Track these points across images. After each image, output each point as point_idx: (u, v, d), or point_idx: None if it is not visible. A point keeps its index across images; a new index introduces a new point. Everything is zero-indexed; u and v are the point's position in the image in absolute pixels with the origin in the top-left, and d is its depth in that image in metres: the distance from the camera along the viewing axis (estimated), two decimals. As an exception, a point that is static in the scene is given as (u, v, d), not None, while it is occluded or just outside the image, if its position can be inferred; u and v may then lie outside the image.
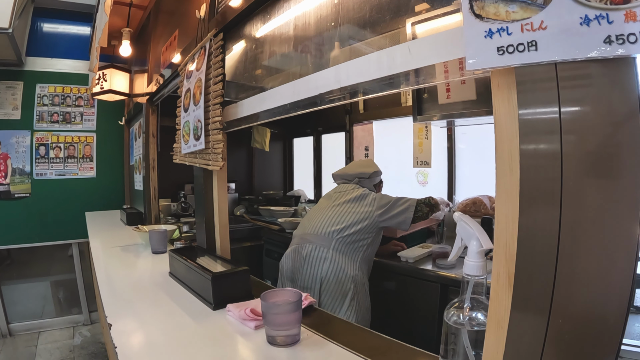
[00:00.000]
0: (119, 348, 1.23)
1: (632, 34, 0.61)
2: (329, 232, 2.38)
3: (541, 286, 0.71)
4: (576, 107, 0.69)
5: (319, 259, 2.33)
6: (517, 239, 0.74)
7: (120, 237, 3.18)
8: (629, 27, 0.61)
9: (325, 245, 2.35)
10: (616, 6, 0.62)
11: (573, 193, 0.69)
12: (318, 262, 2.33)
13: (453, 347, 0.92)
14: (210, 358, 1.17)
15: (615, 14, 0.62)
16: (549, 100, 0.71)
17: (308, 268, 2.35)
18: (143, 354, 1.21)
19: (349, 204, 2.49)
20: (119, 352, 1.20)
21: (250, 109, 1.75)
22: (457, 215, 0.96)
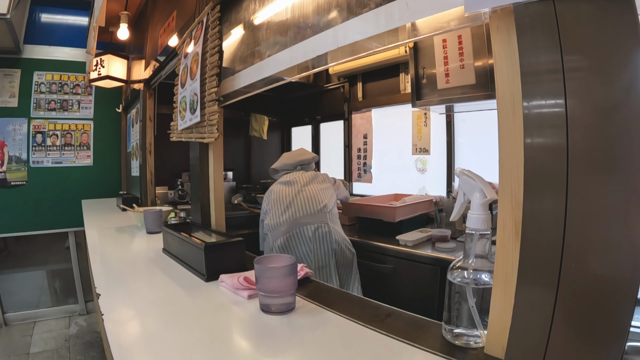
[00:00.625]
0: (105, 316, 1.20)
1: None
2: (318, 209, 2.47)
3: (551, 232, 0.68)
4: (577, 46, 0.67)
5: (327, 233, 2.40)
6: (523, 183, 0.71)
7: (115, 220, 3.18)
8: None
9: (324, 220, 2.43)
10: None
11: (579, 126, 0.66)
12: (327, 237, 2.40)
13: (457, 309, 0.89)
14: (203, 328, 1.13)
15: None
16: (549, 41, 0.68)
17: (321, 245, 2.39)
18: (131, 324, 1.18)
19: (314, 185, 2.62)
20: (105, 320, 1.17)
21: (247, 79, 1.73)
22: (459, 170, 0.93)
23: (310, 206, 2.49)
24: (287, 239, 2.41)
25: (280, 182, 2.68)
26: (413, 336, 1.01)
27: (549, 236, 0.68)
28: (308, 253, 2.39)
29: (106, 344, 1.07)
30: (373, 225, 2.94)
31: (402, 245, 2.55)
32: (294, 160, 2.81)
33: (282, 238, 2.42)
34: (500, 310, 0.78)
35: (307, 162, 2.83)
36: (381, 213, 2.86)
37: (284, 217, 2.47)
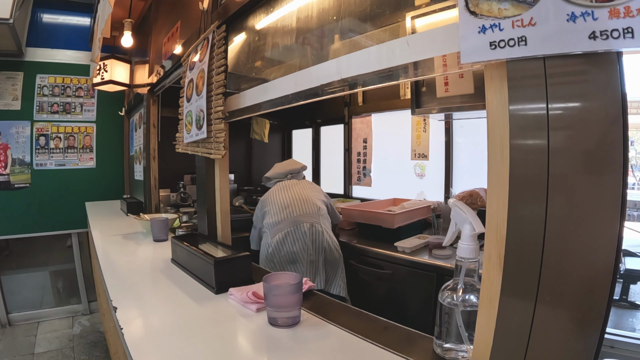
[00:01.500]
0: (125, 329, 1.27)
1: (616, 30, 0.65)
2: (313, 211, 2.70)
3: (529, 266, 0.77)
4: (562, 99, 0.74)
5: (319, 232, 2.62)
6: (507, 222, 0.79)
7: (121, 226, 3.23)
8: (612, 23, 0.65)
9: (317, 220, 2.68)
10: (601, 4, 0.66)
11: (559, 180, 0.73)
12: (319, 235, 2.62)
13: (447, 327, 0.97)
14: (214, 338, 1.22)
15: (599, 11, 0.66)
16: (536, 93, 0.76)
17: (314, 242, 2.61)
18: (148, 335, 1.26)
19: (310, 191, 2.88)
20: (125, 334, 1.24)
21: (253, 99, 1.79)
22: (452, 202, 1.01)
23: (307, 207, 2.72)
24: (285, 235, 2.60)
25: (276, 187, 2.90)
26: (407, 349, 1.10)
27: (528, 270, 0.77)
28: (302, 248, 2.58)
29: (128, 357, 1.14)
30: (372, 231, 3.00)
31: (400, 251, 2.62)
32: (285, 170, 3.04)
33: (280, 234, 2.60)
34: (485, 329, 0.86)
35: (296, 171, 3.07)
36: (380, 219, 2.93)
37: (283, 215, 2.67)
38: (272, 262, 2.60)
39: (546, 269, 0.75)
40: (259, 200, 2.91)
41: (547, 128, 0.74)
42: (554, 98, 0.74)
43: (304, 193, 2.85)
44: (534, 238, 0.76)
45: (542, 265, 0.75)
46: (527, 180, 0.77)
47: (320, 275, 2.60)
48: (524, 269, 0.78)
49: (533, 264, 0.76)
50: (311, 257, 2.59)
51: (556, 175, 0.74)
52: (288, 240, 2.60)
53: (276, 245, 2.60)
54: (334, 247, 2.71)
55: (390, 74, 1.11)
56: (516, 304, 0.80)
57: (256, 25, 1.97)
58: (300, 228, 2.62)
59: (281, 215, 2.68)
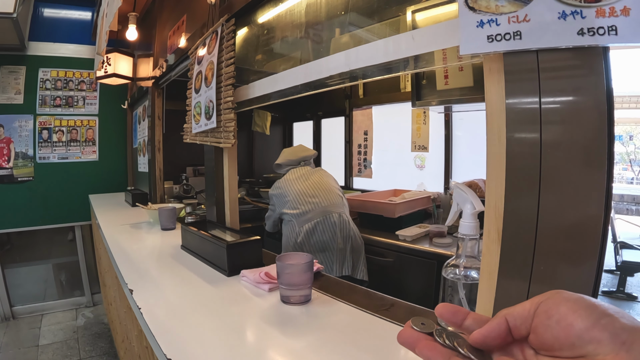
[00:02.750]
0: (143, 309, 1.34)
1: (601, 27, 0.72)
2: (339, 201, 2.79)
3: (525, 239, 0.84)
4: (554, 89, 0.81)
5: (346, 221, 2.71)
6: (504, 199, 0.87)
7: (128, 216, 3.29)
8: (598, 21, 0.73)
9: (344, 210, 2.77)
10: (589, 4, 0.73)
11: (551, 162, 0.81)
12: (346, 224, 2.71)
13: (450, 299, 1.05)
14: (231, 315, 1.29)
15: (588, 10, 0.73)
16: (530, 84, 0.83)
17: (342, 231, 2.69)
18: (168, 313, 1.32)
19: (329, 180, 2.95)
20: (144, 313, 1.31)
21: (262, 90, 1.85)
22: (454, 184, 1.09)
23: (332, 197, 2.80)
24: (315, 225, 2.68)
25: (292, 175, 2.92)
26: (413, 323, 1.17)
27: (524, 242, 0.84)
28: (332, 237, 2.65)
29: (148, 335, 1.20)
30: (374, 220, 3.07)
31: (402, 240, 2.70)
32: (298, 156, 3.04)
33: (310, 224, 2.68)
34: (485, 300, 0.93)
35: (309, 157, 3.08)
36: (382, 209, 3.00)
37: (310, 206, 2.73)
38: (302, 251, 2.62)
39: (540, 241, 0.82)
40: (276, 186, 2.97)
41: (540, 118, 0.81)
42: (546, 91, 0.81)
43: (325, 182, 2.92)
44: (529, 214, 0.83)
45: (537, 238, 0.82)
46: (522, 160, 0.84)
47: (348, 262, 2.68)
48: (520, 242, 0.85)
49: (528, 237, 0.84)
50: (339, 245, 2.66)
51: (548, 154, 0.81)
52: (318, 229, 2.67)
53: (306, 235, 2.67)
54: (358, 235, 2.78)
55: (396, 65, 1.18)
56: (514, 275, 0.87)
57: (263, 18, 2.03)
58: (329, 218, 2.69)
59: (308, 205, 2.74)
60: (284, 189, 2.88)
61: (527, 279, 0.84)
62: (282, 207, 2.85)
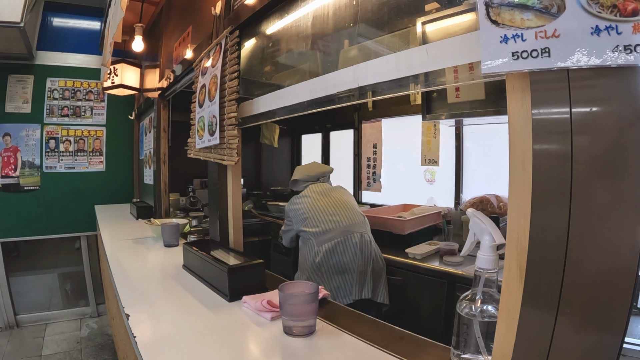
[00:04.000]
0: (138, 338, 1.26)
1: (639, 45, 0.64)
2: (360, 220, 2.68)
3: (551, 277, 0.76)
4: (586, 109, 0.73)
5: (368, 242, 2.59)
6: (529, 233, 0.78)
7: (131, 230, 3.23)
8: (636, 38, 0.65)
9: (365, 230, 2.66)
10: (625, 18, 0.65)
11: (582, 191, 0.73)
12: (368, 245, 2.58)
13: (465, 337, 0.96)
14: (228, 347, 1.21)
15: (624, 25, 0.66)
16: (560, 103, 0.75)
17: (363, 252, 2.55)
18: (162, 343, 1.25)
19: (349, 199, 2.84)
20: (138, 342, 1.23)
21: (267, 106, 1.79)
22: (470, 212, 1.00)
23: (354, 216, 2.69)
24: (335, 245, 2.54)
25: (311, 191, 2.81)
26: (424, 360, 1.09)
27: (549, 282, 0.76)
28: (352, 258, 2.52)
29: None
30: (382, 237, 2.98)
31: (411, 258, 2.62)
32: (316, 172, 2.95)
33: (330, 244, 2.54)
34: (504, 341, 0.85)
35: (327, 173, 3.01)
36: (391, 225, 2.93)
37: (331, 225, 2.60)
38: (320, 272, 2.55)
39: (568, 279, 0.74)
40: (294, 202, 2.82)
41: (570, 135, 0.73)
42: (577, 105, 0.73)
43: (347, 200, 2.81)
44: (556, 248, 0.75)
45: (564, 276, 0.74)
46: (549, 190, 0.76)
47: (368, 285, 2.55)
48: (546, 281, 0.77)
49: (555, 275, 0.75)
50: (360, 267, 2.53)
51: (579, 183, 0.73)
52: (338, 250, 2.54)
53: (325, 255, 2.53)
54: (380, 256, 2.66)
55: (408, 83, 1.10)
56: (537, 316, 0.79)
57: (269, 30, 1.96)
58: (351, 239, 2.56)
59: (329, 224, 2.61)
60: (302, 206, 2.75)
61: (552, 321, 0.76)
62: (301, 224, 2.71)
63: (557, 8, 0.72)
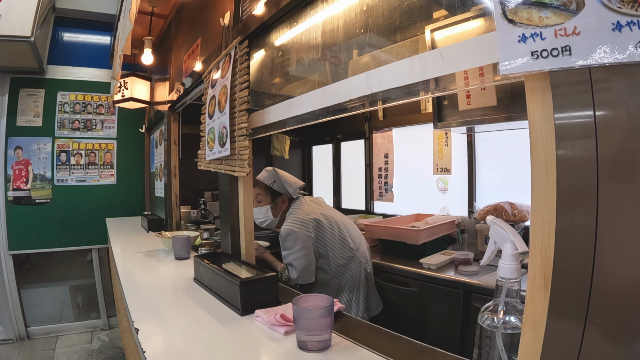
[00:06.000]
0: (147, 353, 1.24)
1: (664, 39, 0.61)
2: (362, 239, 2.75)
3: (578, 287, 0.72)
4: (610, 110, 0.70)
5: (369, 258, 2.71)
6: (555, 241, 0.75)
7: (142, 243, 3.22)
8: (659, 32, 0.62)
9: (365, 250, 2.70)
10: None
11: (609, 195, 0.69)
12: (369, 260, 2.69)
13: (487, 350, 0.93)
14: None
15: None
16: (584, 104, 0.71)
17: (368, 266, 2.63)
18: (172, 358, 1.22)
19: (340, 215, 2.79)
20: (148, 357, 1.21)
21: (278, 116, 1.76)
22: (490, 219, 0.97)
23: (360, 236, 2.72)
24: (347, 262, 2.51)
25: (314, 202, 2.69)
26: (445, 375, 1.05)
27: (577, 291, 0.72)
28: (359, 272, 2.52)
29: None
30: (396, 247, 2.97)
31: (426, 268, 2.58)
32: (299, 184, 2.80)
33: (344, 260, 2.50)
34: (529, 353, 0.81)
35: None
36: (404, 236, 2.89)
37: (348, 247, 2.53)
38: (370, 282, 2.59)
39: (596, 288, 0.71)
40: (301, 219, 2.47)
41: (595, 136, 0.70)
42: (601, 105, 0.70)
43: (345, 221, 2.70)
44: (584, 256, 0.72)
45: (592, 284, 0.71)
46: (575, 195, 0.73)
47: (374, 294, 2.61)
48: (573, 290, 0.73)
49: (582, 283, 0.72)
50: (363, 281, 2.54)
51: (606, 187, 0.70)
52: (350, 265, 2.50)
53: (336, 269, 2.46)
54: None
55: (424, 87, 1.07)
56: (564, 327, 0.75)
57: (278, 40, 1.95)
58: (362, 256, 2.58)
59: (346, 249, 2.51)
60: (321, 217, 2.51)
61: (581, 333, 0.72)
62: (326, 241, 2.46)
63: (577, 5, 0.69)
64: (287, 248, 2.41)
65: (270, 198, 2.62)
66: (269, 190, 2.65)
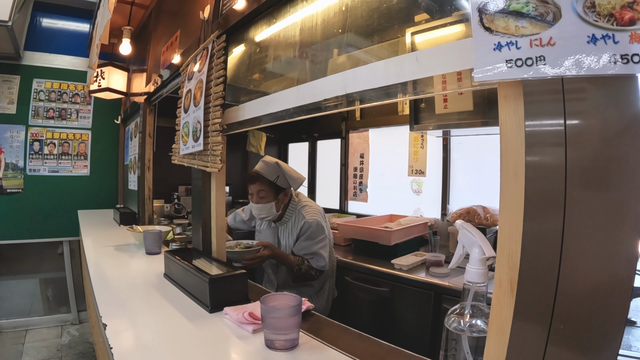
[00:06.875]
0: (115, 349, 1.22)
1: (636, 55, 0.63)
2: None
3: (543, 293, 0.73)
4: (581, 120, 0.71)
5: None
6: (521, 247, 0.76)
7: (113, 237, 3.17)
8: (633, 47, 0.63)
9: None
10: (622, 27, 0.64)
11: (576, 203, 0.70)
12: None
13: (453, 353, 0.93)
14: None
15: (621, 34, 0.64)
16: (555, 113, 0.73)
17: None
18: (139, 355, 1.21)
19: None
20: (114, 353, 1.19)
21: (253, 112, 1.75)
22: (459, 223, 0.98)
23: None
24: None
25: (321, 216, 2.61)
26: (412, 376, 1.05)
27: (542, 297, 0.74)
28: None
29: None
30: (368, 247, 2.98)
31: (397, 269, 2.60)
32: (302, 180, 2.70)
33: None
34: (494, 357, 0.82)
35: None
36: (377, 236, 2.90)
37: None
38: None
39: (561, 294, 0.72)
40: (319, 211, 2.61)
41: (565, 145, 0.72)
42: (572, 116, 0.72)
43: None
44: (550, 262, 0.73)
45: (557, 292, 0.72)
46: (543, 202, 0.74)
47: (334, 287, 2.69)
48: (538, 295, 0.75)
49: (548, 289, 0.73)
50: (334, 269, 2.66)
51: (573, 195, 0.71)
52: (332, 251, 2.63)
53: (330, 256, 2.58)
54: None
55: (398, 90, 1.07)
56: (529, 331, 0.76)
57: (257, 36, 1.93)
58: None
59: None
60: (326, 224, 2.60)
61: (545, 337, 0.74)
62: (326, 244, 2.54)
63: (553, 16, 0.70)
64: (314, 238, 2.44)
65: (274, 194, 2.51)
66: (272, 186, 2.51)
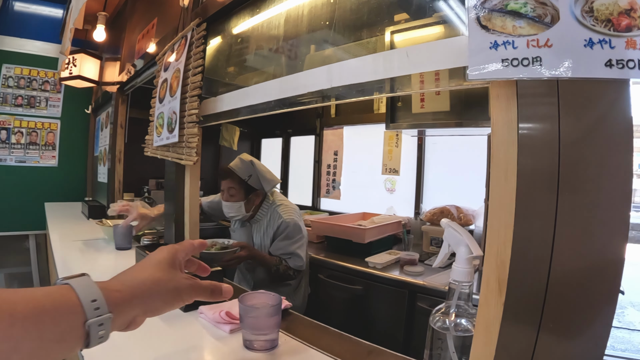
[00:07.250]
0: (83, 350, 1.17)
1: (631, 60, 0.65)
2: None
3: (533, 292, 0.73)
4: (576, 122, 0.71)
5: None
6: (512, 246, 0.76)
7: (82, 231, 3.07)
8: (629, 53, 0.65)
9: None
10: (619, 33, 0.65)
11: (569, 204, 0.71)
12: None
13: (439, 352, 0.93)
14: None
15: (617, 40, 0.65)
16: (549, 115, 0.73)
17: None
18: (109, 356, 1.15)
19: None
20: (84, 354, 1.13)
21: (232, 104, 1.71)
22: (446, 222, 0.97)
23: None
24: None
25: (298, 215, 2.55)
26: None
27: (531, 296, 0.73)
28: None
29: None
30: (342, 245, 2.97)
31: (371, 267, 2.59)
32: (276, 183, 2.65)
33: None
34: (481, 356, 0.82)
35: None
36: (351, 234, 2.89)
37: None
38: None
39: (551, 293, 0.72)
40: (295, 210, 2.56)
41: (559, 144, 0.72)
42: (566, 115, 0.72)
43: None
44: (540, 263, 0.73)
45: (547, 291, 0.72)
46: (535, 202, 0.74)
47: None
48: (527, 295, 0.75)
49: (538, 288, 0.73)
50: None
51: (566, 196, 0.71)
52: None
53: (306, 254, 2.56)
54: None
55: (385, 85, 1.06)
56: (518, 331, 0.76)
57: (238, 27, 1.89)
58: None
59: None
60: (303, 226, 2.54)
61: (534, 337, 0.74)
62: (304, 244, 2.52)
63: (551, 18, 0.70)
64: (291, 238, 2.40)
65: (244, 194, 2.44)
66: (243, 185, 2.43)
